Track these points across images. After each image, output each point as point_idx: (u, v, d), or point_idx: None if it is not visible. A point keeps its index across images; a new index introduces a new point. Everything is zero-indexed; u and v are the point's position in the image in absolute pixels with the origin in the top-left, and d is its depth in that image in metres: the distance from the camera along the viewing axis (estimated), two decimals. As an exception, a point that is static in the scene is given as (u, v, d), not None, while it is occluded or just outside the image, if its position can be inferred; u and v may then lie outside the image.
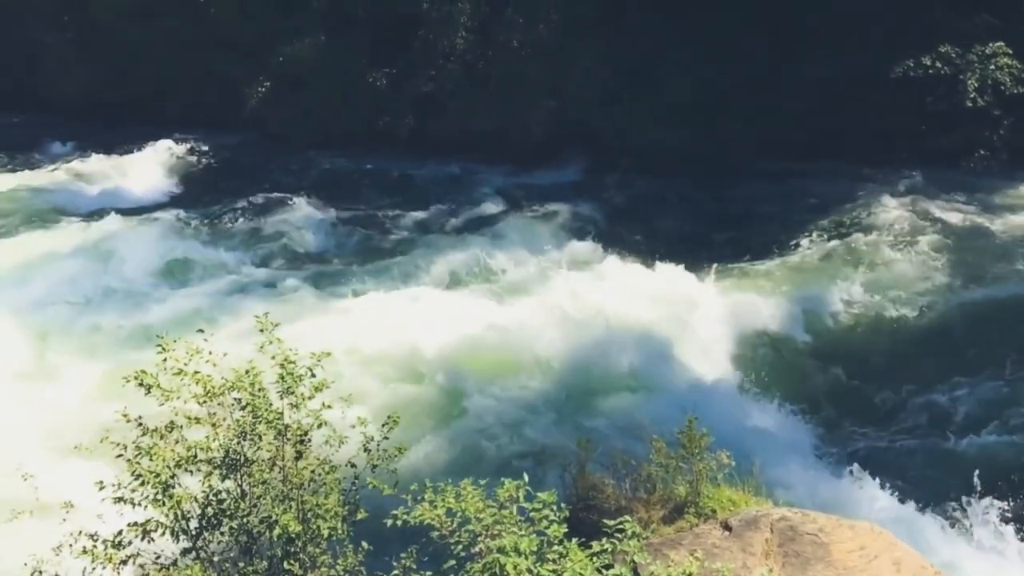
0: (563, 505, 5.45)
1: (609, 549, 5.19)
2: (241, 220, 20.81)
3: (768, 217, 20.31)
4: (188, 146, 26.73)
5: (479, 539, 5.38)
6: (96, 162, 25.91)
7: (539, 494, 5.37)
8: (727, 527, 7.96)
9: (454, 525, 5.46)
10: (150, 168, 25.08)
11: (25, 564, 6.51)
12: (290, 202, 22.20)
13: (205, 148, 26.85)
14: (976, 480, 10.95)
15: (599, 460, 9.63)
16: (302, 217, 21.23)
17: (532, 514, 5.31)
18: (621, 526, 5.23)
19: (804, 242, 19.05)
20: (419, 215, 21.80)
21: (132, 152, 26.27)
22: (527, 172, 24.12)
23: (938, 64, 22.43)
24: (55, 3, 30.78)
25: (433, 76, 26.34)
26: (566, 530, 5.22)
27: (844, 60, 22.35)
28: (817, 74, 22.55)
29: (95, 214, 21.81)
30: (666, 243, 18.47)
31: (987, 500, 10.79)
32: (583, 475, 9.06)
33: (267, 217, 21.27)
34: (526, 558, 4.97)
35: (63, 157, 26.67)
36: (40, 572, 6.46)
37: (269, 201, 22.41)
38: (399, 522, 5.69)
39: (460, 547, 5.40)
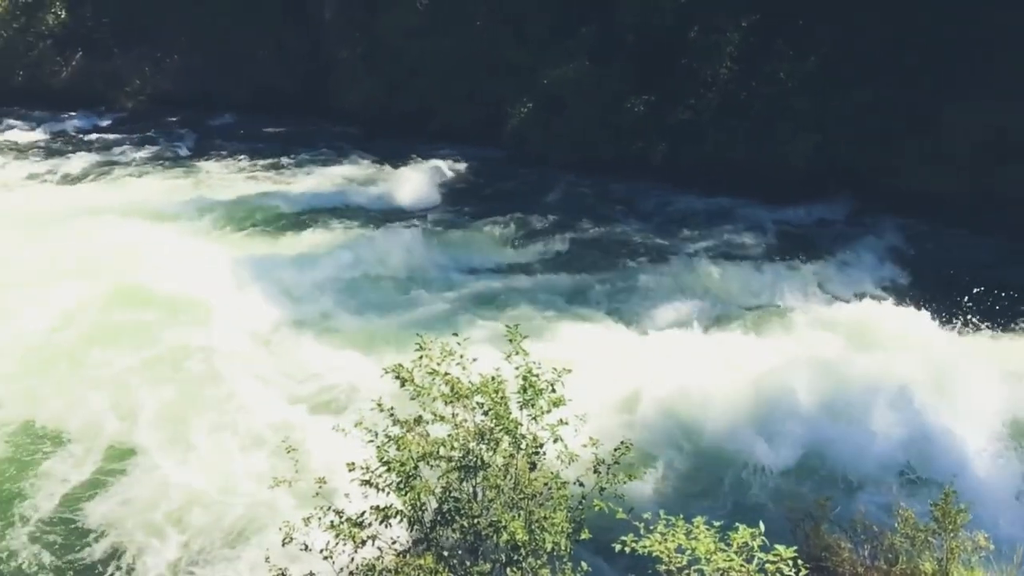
0: (801, 562, 5.14)
1: (848, 617, 4.83)
2: (493, 234, 21.64)
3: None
4: (450, 160, 28.24)
5: (707, 582, 5.21)
6: (370, 169, 28.11)
7: (777, 546, 5.10)
8: (978, 616, 7.19)
9: (683, 562, 5.32)
10: (415, 178, 26.72)
11: (280, 529, 7.11)
12: (540, 221, 22.87)
13: (465, 163, 28.25)
14: None
15: (835, 520, 9.05)
16: (551, 236, 21.78)
17: (767, 566, 5.05)
18: (864, 596, 4.85)
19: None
20: (664, 243, 21.62)
21: (401, 162, 28.22)
22: (783, 208, 23.22)
23: None
24: (350, 21, 33.91)
25: (692, 104, 26.15)
26: (802, 589, 4.93)
27: None
28: None
29: (364, 217, 23.61)
30: (934, 297, 16.99)
31: None
32: (818, 533, 8.54)
33: (517, 232, 21.99)
34: (757, 610, 4.74)
35: (342, 162, 29.14)
36: (291, 539, 7.02)
37: (519, 217, 23.18)
38: (626, 549, 5.62)
39: (687, 586, 5.25)
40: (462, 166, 27.99)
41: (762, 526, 5.37)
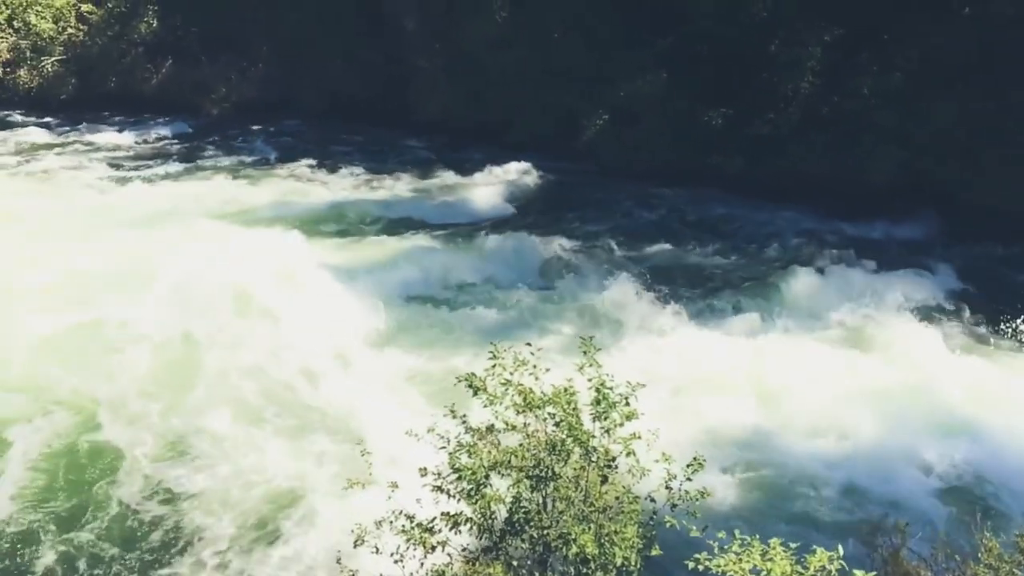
0: (881, 590, 5.00)
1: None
2: (564, 245, 21.59)
3: None
4: (525, 170, 28.35)
5: (783, 605, 5.10)
6: (444, 178, 28.42)
7: (855, 571, 4.97)
8: (1069, 657, 6.86)
9: (758, 584, 5.22)
10: (489, 188, 26.92)
11: (352, 531, 7.22)
12: (613, 232, 22.79)
13: (540, 174, 28.32)
14: None
15: (914, 546, 8.78)
16: (624, 248, 21.70)
17: (845, 591, 4.93)
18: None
19: None
20: (738, 256, 21.35)
21: (475, 172, 28.46)
22: (862, 224, 22.73)
23: None
24: (430, 33, 34.36)
25: (771, 119, 25.75)
26: (882, 617, 4.79)
27: None
28: None
29: (436, 226, 23.83)
30: (1014, 323, 16.40)
31: None
32: (896, 559, 8.29)
33: (589, 245, 21.94)
34: (834, 636, 4.62)
35: (417, 171, 29.51)
36: (362, 541, 7.11)
37: (592, 229, 23.17)
38: (699, 567, 5.54)
39: (761, 609, 5.15)
40: (537, 177, 28.09)
41: (841, 549, 5.25)
